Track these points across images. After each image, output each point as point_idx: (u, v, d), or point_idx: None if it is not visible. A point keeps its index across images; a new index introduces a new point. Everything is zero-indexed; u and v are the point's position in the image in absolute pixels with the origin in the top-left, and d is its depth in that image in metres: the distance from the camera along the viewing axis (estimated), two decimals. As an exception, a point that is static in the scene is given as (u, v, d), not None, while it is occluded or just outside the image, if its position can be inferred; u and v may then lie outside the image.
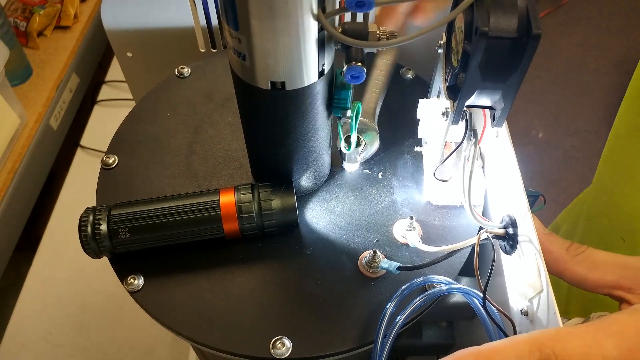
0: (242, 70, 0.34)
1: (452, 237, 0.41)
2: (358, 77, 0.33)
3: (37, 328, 0.79)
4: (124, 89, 1.09)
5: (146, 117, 0.49)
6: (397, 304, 0.35)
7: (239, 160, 0.46)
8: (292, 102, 0.35)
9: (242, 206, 0.38)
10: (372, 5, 0.27)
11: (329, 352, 0.36)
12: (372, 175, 0.45)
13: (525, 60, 0.29)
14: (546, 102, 1.75)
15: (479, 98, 0.33)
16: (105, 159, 0.46)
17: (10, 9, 1.01)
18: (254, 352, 0.36)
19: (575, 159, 1.61)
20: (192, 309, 0.38)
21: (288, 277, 0.39)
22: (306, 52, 0.31)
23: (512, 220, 0.35)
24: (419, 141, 0.46)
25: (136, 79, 0.65)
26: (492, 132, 0.37)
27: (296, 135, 0.37)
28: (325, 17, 0.30)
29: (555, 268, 0.34)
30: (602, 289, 0.33)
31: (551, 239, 0.34)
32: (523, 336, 0.26)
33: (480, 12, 0.28)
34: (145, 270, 0.39)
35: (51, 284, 0.83)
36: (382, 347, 0.34)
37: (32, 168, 0.91)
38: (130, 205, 0.39)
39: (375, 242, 0.41)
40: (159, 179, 0.45)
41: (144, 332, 0.78)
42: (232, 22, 0.30)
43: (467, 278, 0.41)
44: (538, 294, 0.32)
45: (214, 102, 0.51)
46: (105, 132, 0.52)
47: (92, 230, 0.37)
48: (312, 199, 0.44)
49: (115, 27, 0.58)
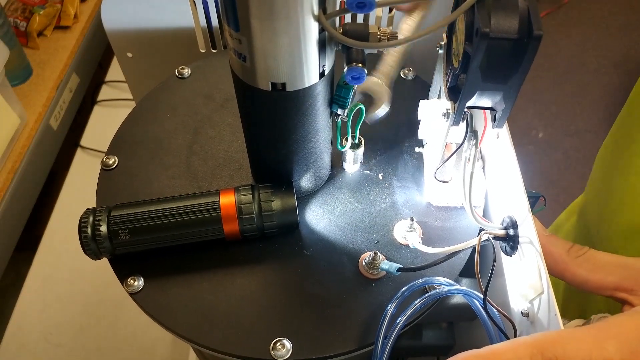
0: (243, 71, 0.34)
1: (452, 239, 0.41)
2: (359, 78, 0.33)
3: (37, 328, 0.79)
4: (124, 89, 1.09)
5: (146, 118, 0.49)
6: (398, 305, 0.35)
7: (239, 161, 0.46)
8: (293, 103, 0.35)
9: (243, 207, 0.38)
10: (373, 6, 0.27)
11: (330, 354, 0.36)
12: (372, 176, 0.45)
13: (526, 61, 0.29)
14: (546, 102, 1.75)
15: (480, 99, 0.33)
16: (105, 159, 0.46)
17: (10, 9, 1.01)
18: (254, 353, 0.36)
19: (575, 159, 1.61)
20: (192, 310, 0.38)
21: (288, 278, 0.39)
22: (307, 53, 0.31)
23: (512, 221, 0.35)
24: (419, 142, 0.46)
25: (136, 79, 0.65)
26: (492, 133, 0.37)
27: (296, 137, 0.37)
28: (326, 18, 0.30)
29: (556, 269, 0.34)
30: (603, 291, 0.33)
31: (552, 240, 0.34)
32: (524, 339, 0.26)
33: (481, 13, 0.28)
34: (145, 271, 0.39)
35: (51, 284, 0.83)
36: (383, 348, 0.34)
37: (32, 168, 0.91)
38: (130, 207, 0.39)
39: (375, 243, 0.41)
40: (159, 179, 0.45)
41: (144, 332, 0.78)
42: (232, 23, 0.30)
43: (468, 279, 0.41)
44: (539, 296, 0.32)
45: (214, 102, 0.50)
46: (105, 133, 0.52)
47: (92, 232, 0.37)
48: (313, 200, 0.43)
49: (115, 27, 0.58)
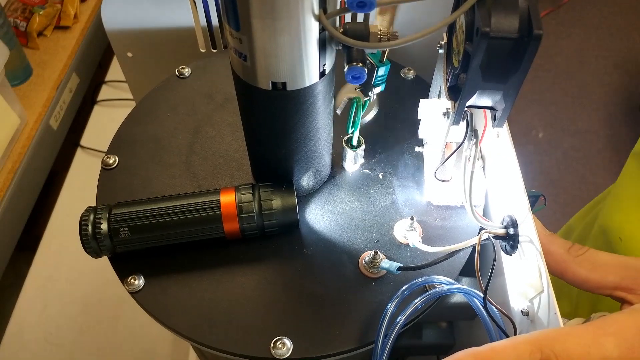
0: (243, 71, 0.34)
1: (452, 238, 0.41)
2: (359, 78, 0.33)
3: (37, 328, 0.79)
4: (124, 89, 1.09)
5: (146, 118, 0.49)
6: (398, 304, 0.35)
7: (239, 160, 0.46)
8: (293, 103, 0.35)
9: (243, 206, 0.38)
10: (374, 6, 0.27)
11: (330, 352, 0.36)
12: (372, 176, 0.45)
13: (526, 60, 0.29)
14: (546, 102, 1.75)
15: (480, 98, 0.33)
16: (105, 159, 0.46)
17: (10, 9, 1.01)
18: (255, 352, 0.36)
19: (575, 159, 1.61)
20: (193, 309, 0.38)
21: (288, 277, 0.39)
22: (307, 53, 0.31)
23: (512, 220, 0.35)
24: (419, 141, 0.46)
25: (136, 79, 0.65)
26: (493, 132, 0.37)
27: (297, 136, 0.37)
28: (327, 18, 0.30)
29: (556, 269, 0.34)
30: (603, 290, 0.33)
31: (552, 239, 0.34)
32: (524, 336, 0.26)
33: (481, 13, 0.28)
34: (145, 270, 0.39)
35: (51, 284, 0.83)
36: (383, 347, 0.34)
37: (32, 168, 0.91)
38: (131, 205, 0.39)
39: (375, 243, 0.41)
40: (159, 179, 0.45)
41: (144, 332, 0.78)
42: (233, 22, 0.30)
43: (468, 278, 0.41)
44: (539, 294, 0.32)
45: (215, 102, 0.51)
46: (105, 132, 0.52)
47: (93, 230, 0.37)
48: (313, 199, 0.44)
49: (115, 27, 0.58)
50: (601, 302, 0.51)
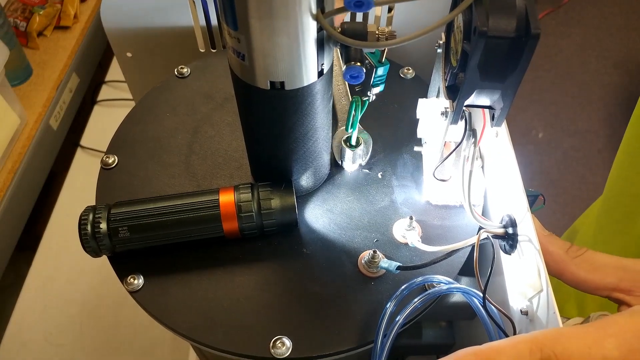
0: (242, 70, 0.34)
1: (451, 237, 0.41)
2: (357, 77, 0.33)
3: (37, 328, 0.79)
4: (124, 89, 1.09)
5: (146, 117, 0.49)
6: (397, 303, 0.35)
7: (238, 160, 0.46)
8: (292, 102, 0.35)
9: (242, 205, 0.38)
10: (371, 5, 0.27)
11: (329, 352, 0.36)
12: (371, 175, 0.45)
13: (524, 59, 0.29)
14: (546, 102, 1.75)
15: (478, 98, 0.33)
16: (105, 158, 0.46)
17: (10, 9, 1.01)
18: (254, 351, 0.36)
19: (575, 159, 1.61)
20: (192, 308, 0.38)
21: (288, 276, 0.39)
22: (305, 52, 0.31)
23: (511, 220, 0.35)
24: (418, 141, 0.46)
25: (136, 79, 0.65)
26: (491, 131, 0.37)
27: (295, 135, 0.37)
28: (324, 17, 0.30)
29: (555, 269, 0.34)
30: (601, 291, 0.33)
31: (551, 239, 0.34)
32: (523, 336, 0.26)
33: (479, 12, 0.28)
34: (145, 270, 0.40)
35: (51, 284, 0.83)
36: (382, 346, 0.34)
37: (32, 168, 0.91)
38: (130, 204, 0.39)
39: (374, 242, 0.41)
40: (159, 178, 0.45)
41: (144, 332, 0.78)
42: (231, 21, 0.30)
43: (467, 278, 0.41)
44: (538, 294, 0.32)
45: (214, 102, 0.51)
46: (105, 132, 0.52)
47: (92, 229, 0.37)
48: (312, 198, 0.44)
49: (115, 27, 0.58)
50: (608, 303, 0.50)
